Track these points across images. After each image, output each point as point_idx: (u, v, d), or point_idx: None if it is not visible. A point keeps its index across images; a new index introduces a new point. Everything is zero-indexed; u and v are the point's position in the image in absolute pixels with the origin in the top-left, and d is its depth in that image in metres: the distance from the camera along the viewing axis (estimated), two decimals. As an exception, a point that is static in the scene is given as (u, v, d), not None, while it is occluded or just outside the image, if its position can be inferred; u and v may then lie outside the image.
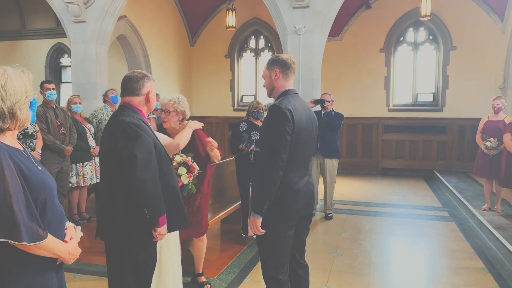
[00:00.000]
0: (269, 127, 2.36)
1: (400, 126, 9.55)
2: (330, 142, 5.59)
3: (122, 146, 2.14)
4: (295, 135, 2.33)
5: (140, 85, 2.31)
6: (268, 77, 2.51)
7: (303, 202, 2.42)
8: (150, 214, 2.16)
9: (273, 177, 2.29)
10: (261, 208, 2.32)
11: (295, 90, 2.53)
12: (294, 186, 2.37)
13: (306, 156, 2.47)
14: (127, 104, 2.32)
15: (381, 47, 9.67)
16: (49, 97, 4.92)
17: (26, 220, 1.46)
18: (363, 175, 9.41)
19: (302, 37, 6.08)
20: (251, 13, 10.26)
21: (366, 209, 6.33)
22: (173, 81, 10.15)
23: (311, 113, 2.52)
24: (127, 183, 2.16)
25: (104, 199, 2.31)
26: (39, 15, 9.41)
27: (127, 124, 2.17)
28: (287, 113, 2.30)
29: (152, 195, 2.14)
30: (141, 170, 2.10)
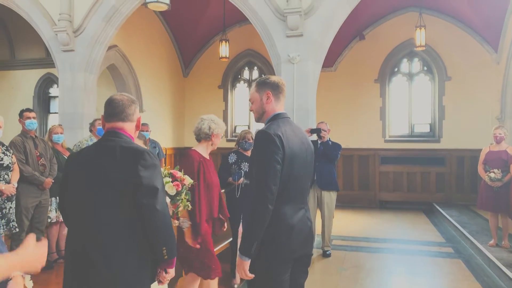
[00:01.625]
0: (256, 155, 2.09)
1: (397, 157, 9.32)
2: (327, 173, 5.31)
3: (143, 176, 1.84)
4: (287, 164, 2.05)
5: (133, 110, 2.05)
6: (259, 100, 2.25)
7: (299, 240, 2.10)
8: (169, 254, 1.89)
9: (261, 212, 1.99)
10: (249, 248, 2.00)
11: (286, 114, 2.26)
12: (288, 221, 2.06)
13: (301, 188, 2.17)
14: (120, 130, 2.00)
15: (376, 78, 9.58)
16: (29, 126, 4.63)
17: None
18: (360, 208, 9.08)
19: (296, 65, 5.92)
20: (245, 45, 10.21)
21: (366, 245, 5.98)
22: (165, 112, 9.93)
23: (305, 139, 2.24)
24: (129, 221, 1.85)
25: (89, 247, 1.86)
26: (29, 45, 9.27)
27: (145, 152, 1.90)
28: (275, 139, 2.03)
29: (171, 231, 1.91)
30: (161, 203, 1.87)
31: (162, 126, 9.60)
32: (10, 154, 4.23)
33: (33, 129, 4.68)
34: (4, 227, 4.06)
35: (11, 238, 4.47)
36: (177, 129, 10.40)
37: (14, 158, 4.29)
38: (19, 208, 4.38)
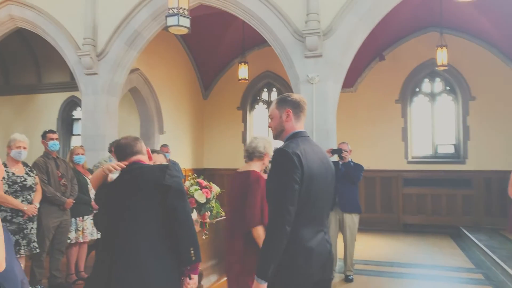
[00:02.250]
0: (273, 174, 2.03)
1: (420, 179, 9.07)
2: (349, 195, 5.17)
3: (171, 182, 2.12)
4: (306, 184, 1.98)
5: (140, 146, 2.42)
6: (278, 117, 2.20)
7: (318, 264, 2.01)
8: (196, 255, 2.04)
9: (278, 234, 1.91)
10: (265, 271, 1.92)
11: (306, 133, 2.21)
12: (306, 244, 1.98)
13: (320, 209, 2.09)
14: (139, 161, 2.34)
15: (397, 98, 9.46)
16: (52, 147, 4.70)
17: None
18: (383, 231, 8.81)
19: (315, 86, 5.88)
20: (263, 66, 10.29)
21: (390, 270, 5.76)
22: (185, 133, 10.02)
23: (325, 158, 2.17)
24: (161, 229, 2.07)
25: (123, 258, 2.05)
26: (54, 69, 9.57)
27: (169, 165, 2.24)
28: (293, 158, 1.97)
29: (196, 235, 2.11)
30: (188, 207, 2.13)
31: (182, 147, 9.66)
32: (33, 174, 4.29)
33: (56, 150, 4.76)
34: (25, 247, 4.07)
35: (31, 259, 4.49)
36: (196, 150, 10.45)
37: (37, 179, 4.35)
38: (41, 228, 4.41)
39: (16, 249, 4.00)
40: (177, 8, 5.25)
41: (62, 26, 7.13)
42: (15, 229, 4.02)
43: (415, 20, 8.69)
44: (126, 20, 6.90)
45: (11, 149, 4.13)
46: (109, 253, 2.09)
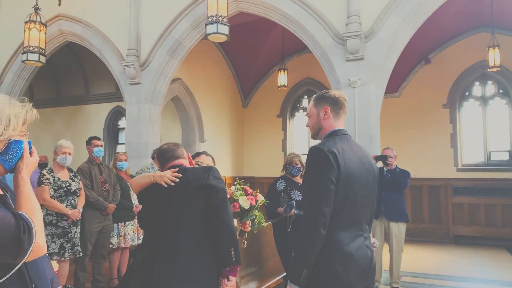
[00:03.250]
0: (308, 173, 1.92)
1: (472, 188, 8.54)
2: (395, 203, 4.92)
3: (215, 183, 2.13)
4: (343, 185, 1.85)
5: (181, 151, 2.44)
6: (316, 115, 2.09)
7: (357, 271, 1.86)
8: (236, 256, 2.06)
9: (312, 237, 1.80)
10: (298, 276, 1.80)
11: (346, 131, 2.08)
12: (344, 249, 1.84)
13: (360, 212, 1.94)
14: (182, 164, 2.36)
15: (445, 103, 9.01)
16: (97, 153, 4.83)
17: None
18: (431, 243, 8.35)
19: (357, 90, 5.70)
20: (303, 73, 10.17)
21: (440, 283, 5.40)
22: (225, 142, 10.06)
23: (365, 158, 2.03)
24: (203, 229, 2.09)
25: (171, 260, 2.07)
26: (101, 81, 9.95)
27: (213, 167, 2.25)
28: (329, 156, 1.85)
29: (236, 236, 2.13)
30: (230, 208, 2.15)
31: (222, 155, 9.69)
32: (77, 180, 4.41)
33: (100, 157, 4.88)
34: (69, 251, 4.17)
35: (75, 262, 4.60)
36: (236, 158, 10.45)
37: (81, 184, 4.47)
38: (84, 233, 4.51)
39: (61, 252, 4.10)
40: (216, 16, 5.29)
41: (108, 38, 7.39)
42: (60, 233, 4.13)
43: (463, 20, 8.28)
44: (168, 30, 7.05)
45: (57, 155, 4.28)
46: (150, 250, 2.13)
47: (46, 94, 10.69)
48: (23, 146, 1.32)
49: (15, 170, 1.31)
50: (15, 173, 1.30)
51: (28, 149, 1.34)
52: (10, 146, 1.28)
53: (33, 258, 1.22)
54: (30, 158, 1.33)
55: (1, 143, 1.27)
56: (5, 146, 1.28)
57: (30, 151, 1.34)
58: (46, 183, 4.11)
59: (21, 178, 1.30)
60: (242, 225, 2.69)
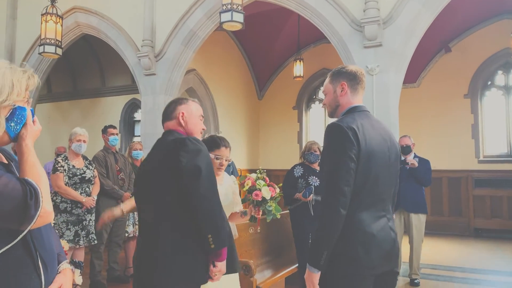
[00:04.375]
0: (326, 152, 1.82)
1: (494, 179, 8.29)
2: (414, 194, 4.80)
3: (183, 161, 1.85)
4: (363, 162, 1.75)
5: (172, 109, 2.16)
6: (332, 92, 1.99)
7: (380, 253, 1.76)
8: (216, 242, 1.81)
9: (331, 217, 1.70)
10: (318, 259, 1.71)
11: (365, 107, 1.97)
12: (366, 229, 1.75)
13: (382, 192, 1.84)
14: (167, 129, 2.15)
15: (465, 93, 8.76)
16: (112, 142, 4.83)
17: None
18: (451, 236, 8.15)
19: (375, 77, 5.55)
20: (320, 64, 10.02)
21: (461, 275, 5.25)
22: (240, 134, 10.01)
23: (387, 135, 1.92)
24: (181, 212, 1.85)
25: (145, 240, 1.96)
26: (117, 73, 9.99)
27: (186, 138, 1.95)
28: (348, 132, 1.75)
29: (217, 217, 1.85)
30: (204, 187, 1.83)
31: (237, 148, 9.64)
32: (92, 168, 4.41)
33: (115, 145, 4.87)
34: (84, 238, 4.17)
35: (91, 251, 4.61)
36: (251, 150, 10.39)
37: (95, 172, 4.46)
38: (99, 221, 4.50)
39: (76, 240, 4.11)
40: (230, 4, 5.23)
41: (123, 30, 7.39)
42: (75, 220, 4.13)
43: (485, 6, 8.01)
44: (182, 20, 7.00)
45: (72, 142, 4.27)
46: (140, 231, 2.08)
47: (63, 87, 10.80)
48: (27, 113, 1.27)
49: (19, 138, 1.26)
50: (19, 141, 1.26)
51: (32, 117, 1.29)
52: (15, 112, 1.24)
53: (40, 224, 1.18)
54: (33, 126, 1.29)
55: (6, 108, 1.22)
56: (10, 112, 1.23)
57: (32, 119, 1.30)
58: (60, 170, 4.11)
59: (25, 145, 1.25)
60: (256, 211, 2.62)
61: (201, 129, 2.17)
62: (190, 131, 2.10)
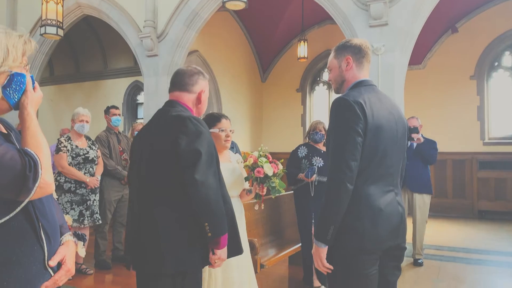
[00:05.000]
0: (332, 126, 1.79)
1: (499, 162, 8.24)
2: (419, 174, 4.76)
3: (182, 144, 1.74)
4: (371, 136, 1.72)
5: (194, 81, 2.00)
6: (337, 67, 1.94)
7: (388, 227, 1.75)
8: (213, 231, 1.74)
9: (338, 192, 1.68)
10: (324, 233, 1.71)
11: (371, 82, 1.93)
12: (373, 204, 1.73)
13: (390, 166, 1.81)
14: (176, 100, 1.98)
15: (472, 74, 8.64)
16: (115, 123, 4.81)
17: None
18: (455, 218, 8.15)
19: (380, 57, 5.47)
20: (324, 45, 9.88)
21: (465, 256, 5.25)
22: (244, 116, 9.95)
23: (394, 109, 1.89)
24: (178, 194, 1.75)
25: (140, 220, 1.85)
26: (119, 55, 9.91)
27: (187, 118, 1.81)
28: (354, 106, 1.72)
29: (215, 205, 1.74)
30: (203, 172, 1.72)
31: (240, 130, 9.61)
32: (95, 148, 4.40)
33: (118, 126, 4.85)
34: (88, 218, 4.19)
35: (95, 231, 4.64)
36: (255, 133, 10.36)
37: (99, 152, 4.45)
38: (103, 201, 4.52)
39: (80, 219, 4.13)
40: (233, -19, 5.11)
41: (124, 10, 7.29)
42: (79, 200, 4.14)
43: (494, -15, 7.83)
44: (184, 0, 6.89)
45: (74, 123, 4.26)
46: (132, 211, 1.96)
47: (66, 70, 10.74)
48: (26, 79, 1.23)
49: (20, 106, 1.23)
50: (20, 109, 1.23)
51: (32, 83, 1.26)
52: (13, 79, 1.21)
53: (40, 195, 1.16)
54: (34, 93, 1.25)
55: (3, 75, 1.19)
56: (7, 79, 1.20)
57: (33, 86, 1.26)
58: (64, 150, 4.10)
59: (27, 113, 1.22)
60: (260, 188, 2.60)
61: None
62: (201, 111, 2.01)
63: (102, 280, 4.29)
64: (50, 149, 5.25)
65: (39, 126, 1.23)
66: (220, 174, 1.91)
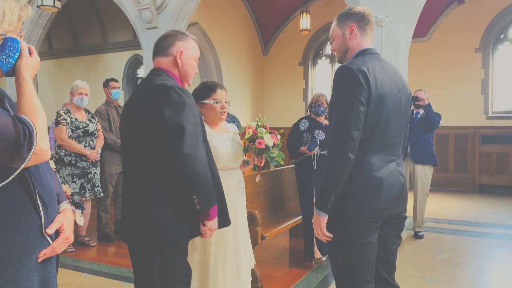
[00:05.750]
0: (335, 95, 1.75)
1: (502, 136, 8.19)
2: (423, 144, 4.74)
3: (166, 115, 1.68)
4: (374, 106, 1.70)
5: (169, 43, 1.90)
6: (340, 36, 1.89)
7: (388, 197, 1.74)
8: (201, 203, 1.71)
9: (339, 162, 1.67)
10: (325, 202, 1.71)
11: (375, 50, 1.88)
12: (374, 174, 1.72)
13: (392, 136, 1.79)
14: (158, 66, 1.93)
15: (477, 47, 8.48)
16: (114, 96, 4.75)
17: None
18: (456, 192, 8.18)
19: (384, 28, 5.34)
20: (327, 17, 9.66)
21: (466, 228, 5.29)
22: (245, 90, 9.86)
23: (398, 78, 1.86)
24: (163, 166, 1.71)
25: (130, 192, 1.83)
26: (118, 28, 9.75)
27: (171, 88, 1.72)
28: (358, 75, 1.68)
29: (203, 178, 1.71)
30: (189, 145, 1.67)
31: (241, 105, 9.54)
32: (95, 121, 4.36)
33: (117, 99, 4.80)
34: (89, 191, 4.20)
35: (97, 204, 4.66)
36: (256, 108, 10.28)
37: (99, 125, 4.42)
38: (104, 174, 4.52)
39: (82, 192, 4.14)
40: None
41: (122, -20, 7.11)
42: (80, 173, 4.14)
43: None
44: (184, -30, 6.71)
45: (73, 96, 4.21)
46: (123, 183, 1.96)
47: (65, 43, 10.59)
48: (21, 45, 1.20)
49: (15, 71, 1.20)
50: (16, 74, 1.20)
51: (27, 49, 1.22)
52: (6, 44, 1.17)
53: (36, 162, 1.14)
54: (30, 58, 1.21)
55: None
56: (1, 43, 1.16)
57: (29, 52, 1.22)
58: (63, 123, 4.07)
59: (22, 78, 1.19)
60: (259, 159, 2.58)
61: (195, 73, 1.98)
62: (184, 74, 1.91)
63: (105, 252, 4.34)
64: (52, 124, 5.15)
65: (35, 91, 1.20)
66: (207, 146, 1.87)
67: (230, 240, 2.32)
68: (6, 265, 1.11)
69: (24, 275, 1.15)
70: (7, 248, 1.12)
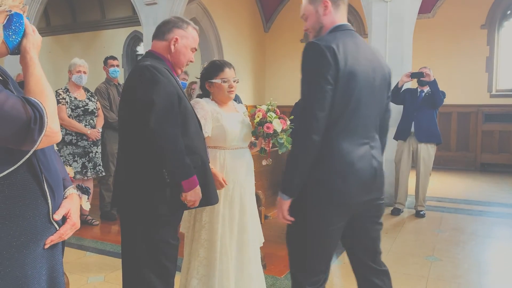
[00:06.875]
0: (302, 73, 1.65)
1: (505, 114, 8.12)
2: (427, 122, 4.70)
3: (139, 93, 1.79)
4: (343, 85, 1.59)
5: (168, 28, 1.97)
6: (314, 13, 1.76)
7: (359, 183, 1.64)
8: (171, 177, 1.80)
9: (303, 144, 1.59)
10: (289, 186, 1.64)
11: (350, 26, 1.76)
12: (345, 158, 1.62)
13: (365, 117, 1.69)
14: (152, 49, 2.01)
15: (483, 23, 8.31)
16: (113, 74, 4.68)
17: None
18: (458, 170, 8.17)
19: (389, 4, 5.23)
20: (330, -7, 9.46)
21: (467, 207, 5.30)
22: (246, 68, 9.75)
23: (373, 56, 1.75)
24: (144, 142, 1.80)
25: (119, 165, 1.98)
26: (117, 4, 9.55)
27: (145, 67, 1.82)
28: (325, 52, 1.56)
29: (171, 153, 1.78)
30: (157, 120, 1.74)
31: (242, 83, 9.42)
32: (94, 100, 4.31)
33: (116, 77, 4.73)
34: (91, 170, 4.19)
35: (99, 183, 4.66)
36: (257, 86, 10.19)
37: (98, 104, 4.37)
38: (105, 153, 4.50)
39: (83, 171, 4.13)
40: None
41: (120, -46, 6.93)
42: (81, 152, 4.12)
43: None
44: None
45: (72, 74, 4.15)
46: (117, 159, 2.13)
47: (63, 20, 10.40)
48: (25, 21, 1.15)
49: (22, 50, 1.15)
50: (23, 53, 1.16)
51: (30, 26, 1.17)
52: (12, 19, 1.12)
53: (47, 145, 1.13)
54: (34, 35, 1.17)
55: (2, 14, 1.10)
56: (7, 19, 1.11)
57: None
58: (62, 103, 4.02)
59: (29, 58, 1.15)
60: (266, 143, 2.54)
61: (189, 61, 2.02)
62: (176, 60, 1.97)
63: (108, 230, 4.36)
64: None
65: (42, 71, 1.16)
66: (192, 125, 1.92)
67: (236, 217, 2.32)
68: (14, 252, 1.09)
69: (32, 261, 1.13)
70: (15, 235, 1.10)
